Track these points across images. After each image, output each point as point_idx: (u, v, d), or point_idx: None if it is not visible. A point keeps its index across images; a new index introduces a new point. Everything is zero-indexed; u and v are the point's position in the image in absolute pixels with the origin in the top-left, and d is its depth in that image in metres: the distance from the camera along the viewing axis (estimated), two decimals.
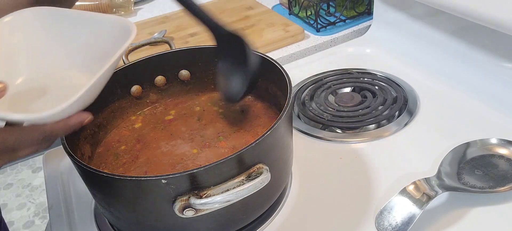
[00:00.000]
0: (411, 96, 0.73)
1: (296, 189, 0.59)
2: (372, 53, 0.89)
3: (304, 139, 0.68)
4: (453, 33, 0.77)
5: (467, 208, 0.53)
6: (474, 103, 0.70)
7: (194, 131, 0.60)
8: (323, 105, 0.73)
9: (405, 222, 0.49)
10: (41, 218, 1.88)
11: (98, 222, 0.58)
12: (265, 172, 0.45)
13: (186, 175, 0.42)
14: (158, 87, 0.66)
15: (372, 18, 0.95)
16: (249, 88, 0.58)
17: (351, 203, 0.56)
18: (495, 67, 0.70)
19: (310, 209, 0.56)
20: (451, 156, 0.58)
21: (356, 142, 0.66)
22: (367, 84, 0.77)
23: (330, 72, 0.82)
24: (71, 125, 0.42)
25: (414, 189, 0.52)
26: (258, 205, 0.52)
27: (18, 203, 1.96)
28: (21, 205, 1.95)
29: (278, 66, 0.56)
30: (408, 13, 0.85)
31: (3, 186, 2.05)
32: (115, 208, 0.50)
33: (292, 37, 0.94)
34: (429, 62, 0.80)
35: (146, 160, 0.57)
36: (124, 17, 1.15)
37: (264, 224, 0.54)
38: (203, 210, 0.43)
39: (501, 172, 0.55)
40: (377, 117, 0.69)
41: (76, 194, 0.63)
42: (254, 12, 1.06)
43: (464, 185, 0.53)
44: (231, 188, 0.43)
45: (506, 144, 0.58)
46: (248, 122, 0.61)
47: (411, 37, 0.85)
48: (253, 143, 0.44)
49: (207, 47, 0.63)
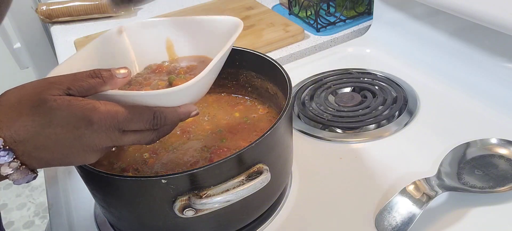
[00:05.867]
0: (411, 96, 0.73)
1: (296, 189, 0.59)
2: (372, 53, 0.89)
3: (304, 139, 0.68)
4: (453, 33, 0.77)
5: (467, 208, 0.53)
6: (474, 103, 0.70)
7: (195, 131, 0.60)
8: (323, 105, 0.73)
9: (405, 222, 0.49)
10: (41, 218, 1.88)
11: (98, 222, 0.58)
12: (265, 172, 0.45)
13: (186, 175, 0.42)
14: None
15: (372, 18, 0.95)
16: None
17: (351, 203, 0.56)
18: (495, 67, 0.70)
19: (310, 209, 0.56)
20: (451, 156, 0.58)
21: (356, 142, 0.66)
22: (367, 84, 0.77)
23: (330, 72, 0.82)
24: (180, 113, 0.42)
25: (414, 189, 0.52)
26: (258, 205, 0.52)
27: (18, 203, 1.96)
28: (21, 205, 1.95)
29: (278, 66, 0.56)
30: (408, 13, 0.85)
31: (3, 186, 2.05)
32: (115, 208, 0.50)
33: (292, 37, 0.94)
34: (429, 62, 0.80)
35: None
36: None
37: (264, 224, 0.54)
38: (203, 210, 0.43)
39: (501, 172, 0.55)
40: (377, 117, 0.69)
41: (76, 194, 0.63)
42: (254, 12, 1.06)
43: (464, 185, 0.53)
44: (231, 188, 0.43)
45: (506, 144, 0.58)
46: (248, 122, 0.61)
47: (411, 37, 0.85)
48: (253, 143, 0.44)
49: None
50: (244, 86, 0.65)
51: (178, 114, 0.42)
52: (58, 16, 1.15)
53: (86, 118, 0.38)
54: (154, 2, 1.25)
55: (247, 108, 0.64)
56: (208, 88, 0.47)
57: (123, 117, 0.39)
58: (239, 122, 0.61)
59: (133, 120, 0.40)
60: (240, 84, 0.65)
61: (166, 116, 0.41)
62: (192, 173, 0.42)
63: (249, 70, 0.63)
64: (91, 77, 0.40)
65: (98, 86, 0.40)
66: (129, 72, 0.42)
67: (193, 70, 0.53)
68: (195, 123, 0.62)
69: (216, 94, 0.67)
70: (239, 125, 0.60)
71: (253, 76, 0.63)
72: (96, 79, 0.40)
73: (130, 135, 0.41)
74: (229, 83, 0.66)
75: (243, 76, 0.64)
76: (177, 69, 0.53)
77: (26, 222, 1.87)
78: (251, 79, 0.64)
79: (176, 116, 0.42)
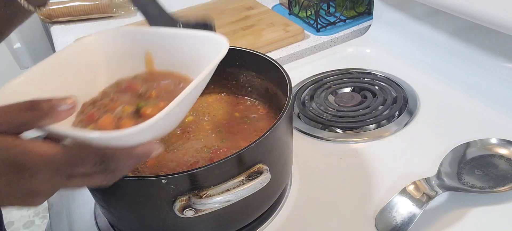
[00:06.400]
0: (411, 96, 0.73)
1: (296, 189, 0.59)
2: (372, 53, 0.89)
3: (304, 139, 0.68)
4: (453, 33, 0.77)
5: (467, 208, 0.53)
6: (474, 103, 0.70)
7: (195, 131, 0.60)
8: (323, 105, 0.73)
9: (405, 222, 0.49)
10: (41, 218, 1.88)
11: (98, 222, 0.58)
12: (265, 172, 0.45)
13: (186, 175, 0.42)
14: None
15: (372, 18, 0.95)
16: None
17: (351, 203, 0.56)
18: (495, 67, 0.70)
19: (310, 209, 0.56)
20: (451, 156, 0.58)
21: (356, 142, 0.66)
22: (367, 84, 0.77)
23: (330, 72, 0.82)
24: (136, 155, 0.36)
25: (414, 189, 0.52)
26: (258, 205, 0.52)
27: None
28: None
29: (278, 66, 0.56)
30: (408, 13, 0.85)
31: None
32: (115, 208, 0.50)
33: (292, 37, 0.94)
34: (429, 62, 0.80)
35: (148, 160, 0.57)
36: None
37: (264, 224, 0.54)
38: (203, 210, 0.43)
39: (501, 172, 0.55)
40: (377, 117, 0.69)
41: (76, 194, 0.63)
42: (254, 12, 1.06)
43: (464, 185, 0.53)
44: (231, 188, 0.43)
45: (506, 144, 0.58)
46: (248, 122, 0.61)
47: (411, 37, 0.85)
48: (253, 143, 0.44)
49: None
50: (244, 86, 0.65)
51: (134, 156, 0.36)
52: (58, 16, 1.15)
53: (16, 163, 0.32)
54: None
55: (247, 108, 0.64)
56: (180, 120, 0.42)
57: (62, 161, 0.33)
58: (239, 122, 0.61)
59: (75, 165, 0.34)
60: (240, 84, 0.65)
61: (118, 158, 0.35)
62: (192, 173, 0.42)
63: (249, 70, 0.63)
64: (26, 110, 0.33)
65: (35, 121, 0.34)
66: (75, 103, 0.35)
67: (168, 92, 0.46)
68: (195, 123, 0.62)
69: (216, 94, 0.67)
70: (239, 125, 0.60)
71: (253, 76, 0.63)
72: (32, 113, 0.33)
73: (78, 179, 0.35)
74: (229, 83, 0.66)
75: (243, 76, 0.64)
76: (150, 91, 0.46)
77: (26, 222, 1.87)
78: (251, 79, 0.64)
79: (131, 158, 0.36)
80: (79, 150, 0.34)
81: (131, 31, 0.50)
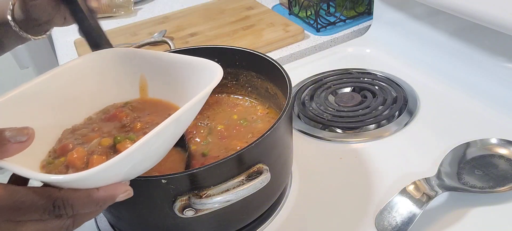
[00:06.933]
0: (411, 96, 0.73)
1: (296, 189, 0.59)
2: (372, 53, 0.89)
3: (304, 139, 0.68)
4: (453, 33, 0.77)
5: (467, 208, 0.53)
6: (474, 103, 0.70)
7: (195, 132, 0.60)
8: (323, 105, 0.73)
9: (405, 222, 0.49)
10: None
11: (98, 222, 0.58)
12: (265, 172, 0.45)
13: (186, 175, 0.42)
14: None
15: (372, 18, 0.95)
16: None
17: (351, 203, 0.56)
18: (495, 67, 0.70)
19: (310, 209, 0.56)
20: (451, 156, 0.58)
21: (356, 142, 0.66)
22: (367, 84, 0.77)
23: (330, 72, 0.82)
24: (97, 199, 0.32)
25: (414, 189, 0.52)
26: (258, 205, 0.52)
27: None
28: None
29: (278, 66, 0.56)
30: (408, 13, 0.85)
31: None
32: (115, 208, 0.50)
33: (292, 37, 0.94)
34: (429, 62, 0.80)
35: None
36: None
37: (264, 224, 0.54)
38: (203, 210, 0.43)
39: (501, 172, 0.55)
40: (377, 117, 0.69)
41: None
42: (254, 12, 1.06)
43: (464, 185, 0.53)
44: (231, 188, 0.43)
45: (506, 144, 0.58)
46: (245, 124, 0.61)
47: (411, 37, 0.85)
48: (253, 143, 0.44)
49: (207, 47, 0.63)
50: (244, 87, 0.65)
51: (93, 200, 0.32)
52: None
53: None
54: (154, 2, 1.26)
55: (246, 109, 0.64)
56: (160, 156, 0.38)
57: (4, 206, 0.30)
58: (237, 123, 0.61)
59: (20, 210, 0.30)
60: (240, 84, 0.65)
61: (73, 203, 0.31)
62: (192, 173, 0.42)
63: (249, 70, 0.63)
64: None
65: None
66: (32, 135, 0.32)
67: (153, 125, 0.42)
68: (194, 125, 0.62)
69: (216, 95, 0.67)
70: (238, 127, 0.60)
71: (253, 76, 0.63)
72: None
73: (29, 225, 0.31)
74: (229, 84, 0.66)
75: (243, 76, 0.64)
76: (135, 122, 0.44)
77: None
78: (251, 80, 0.64)
79: (90, 203, 0.32)
80: (25, 193, 0.30)
81: (130, 53, 0.48)
